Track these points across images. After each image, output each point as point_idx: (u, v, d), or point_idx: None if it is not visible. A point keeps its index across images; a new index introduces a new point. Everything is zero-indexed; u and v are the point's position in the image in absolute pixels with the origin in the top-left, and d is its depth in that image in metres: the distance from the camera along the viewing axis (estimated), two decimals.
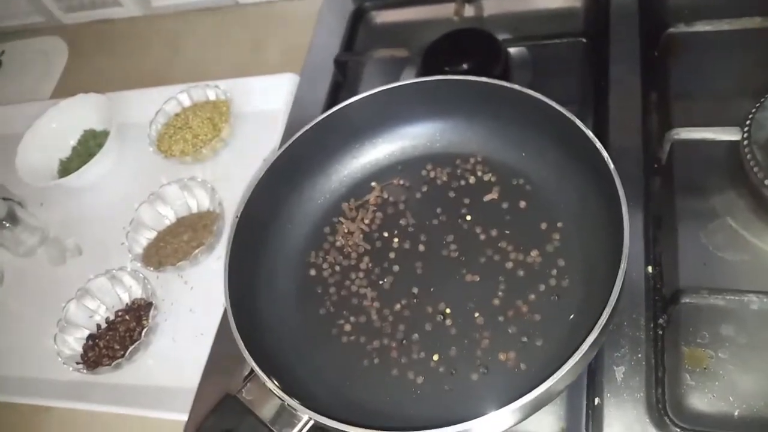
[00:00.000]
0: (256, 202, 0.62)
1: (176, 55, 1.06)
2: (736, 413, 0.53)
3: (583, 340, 0.47)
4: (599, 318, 0.47)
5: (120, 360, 0.72)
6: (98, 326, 0.78)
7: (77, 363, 0.75)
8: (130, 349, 0.73)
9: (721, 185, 0.64)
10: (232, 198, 0.82)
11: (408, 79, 0.67)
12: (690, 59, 0.72)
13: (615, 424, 0.53)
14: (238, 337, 0.52)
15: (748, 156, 0.59)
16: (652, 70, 0.71)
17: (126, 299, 0.80)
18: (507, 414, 0.46)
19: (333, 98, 0.83)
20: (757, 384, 0.54)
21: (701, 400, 0.55)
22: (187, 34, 1.08)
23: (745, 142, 0.60)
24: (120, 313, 0.78)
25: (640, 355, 0.56)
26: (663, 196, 0.64)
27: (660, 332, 0.57)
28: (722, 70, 0.70)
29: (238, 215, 0.61)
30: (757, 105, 0.61)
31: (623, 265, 0.48)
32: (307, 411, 0.49)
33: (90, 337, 0.78)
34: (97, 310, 0.79)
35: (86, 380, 0.75)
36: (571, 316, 0.56)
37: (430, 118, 0.68)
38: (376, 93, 0.65)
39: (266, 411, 0.51)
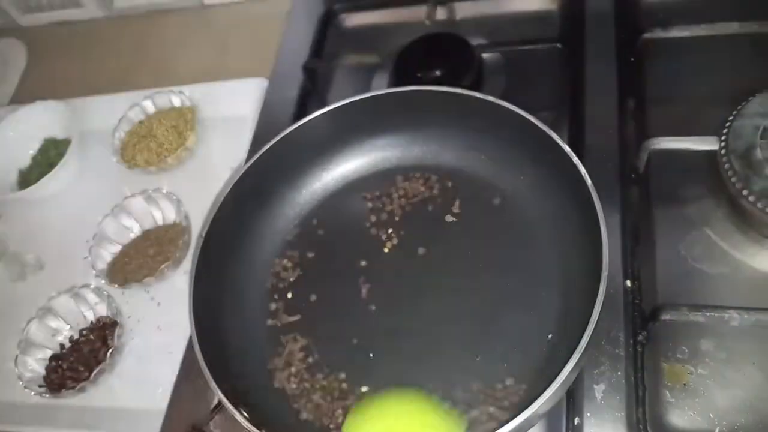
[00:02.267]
0: (221, 221, 0.60)
1: (140, 59, 1.02)
2: (716, 431, 0.52)
3: (564, 365, 0.46)
4: (579, 341, 0.46)
5: (84, 383, 0.69)
6: (61, 346, 0.75)
7: (39, 386, 0.72)
8: (95, 371, 0.70)
9: (700, 195, 0.63)
10: (199, 209, 0.79)
11: (380, 87, 0.65)
12: (667, 65, 0.71)
13: None
14: (206, 368, 0.50)
15: (726, 165, 0.59)
16: (628, 76, 0.70)
17: (90, 317, 0.76)
18: None
19: (302, 105, 0.81)
20: (738, 401, 0.53)
21: (682, 418, 0.54)
22: (151, 36, 1.04)
23: (723, 152, 0.59)
24: (84, 333, 0.75)
25: (620, 373, 0.55)
26: (640, 207, 0.63)
27: (639, 349, 0.56)
28: (699, 76, 0.69)
29: (203, 235, 0.58)
30: (734, 113, 0.60)
31: (602, 288, 0.47)
32: None
33: (53, 358, 0.74)
34: (59, 329, 0.76)
35: (50, 403, 0.72)
36: (549, 336, 0.55)
37: (402, 129, 0.66)
38: (345, 104, 0.63)
39: None
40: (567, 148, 0.54)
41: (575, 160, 0.53)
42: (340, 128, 0.66)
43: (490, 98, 0.59)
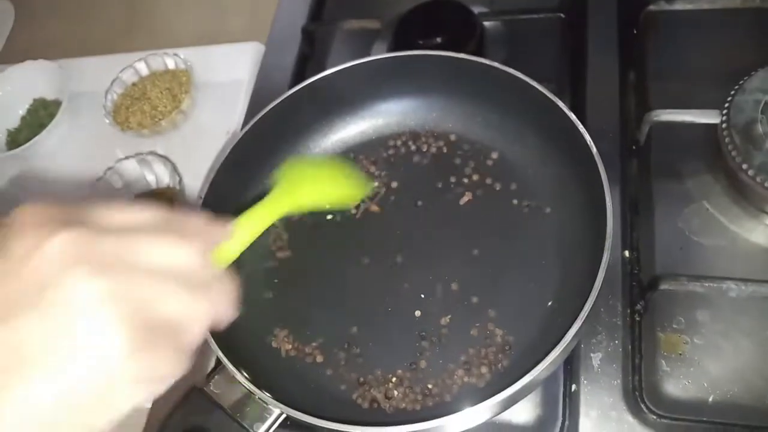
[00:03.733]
0: (220, 183, 0.59)
1: (134, 20, 1.00)
2: (710, 399, 0.53)
3: (564, 333, 0.46)
4: (580, 309, 0.46)
5: None
6: None
7: None
8: None
9: (699, 169, 0.63)
10: (193, 173, 0.78)
11: (380, 53, 0.65)
12: (669, 38, 0.70)
13: (591, 411, 0.53)
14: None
15: (726, 139, 0.59)
16: (630, 49, 0.70)
17: None
18: (485, 409, 0.45)
19: (300, 70, 0.80)
20: (731, 370, 0.54)
21: (676, 387, 0.54)
22: None
23: (724, 125, 0.59)
24: None
25: (617, 342, 0.55)
26: (640, 179, 0.64)
27: (637, 318, 0.56)
28: (701, 50, 0.69)
29: (202, 196, 0.58)
30: (736, 87, 0.60)
31: (605, 256, 0.47)
32: (279, 404, 0.47)
33: None
34: None
35: None
36: (549, 303, 0.55)
37: (404, 94, 0.66)
38: (346, 68, 0.62)
39: (235, 405, 0.49)
40: (572, 115, 0.53)
41: (580, 127, 0.53)
42: (341, 92, 0.65)
43: (494, 63, 0.58)
